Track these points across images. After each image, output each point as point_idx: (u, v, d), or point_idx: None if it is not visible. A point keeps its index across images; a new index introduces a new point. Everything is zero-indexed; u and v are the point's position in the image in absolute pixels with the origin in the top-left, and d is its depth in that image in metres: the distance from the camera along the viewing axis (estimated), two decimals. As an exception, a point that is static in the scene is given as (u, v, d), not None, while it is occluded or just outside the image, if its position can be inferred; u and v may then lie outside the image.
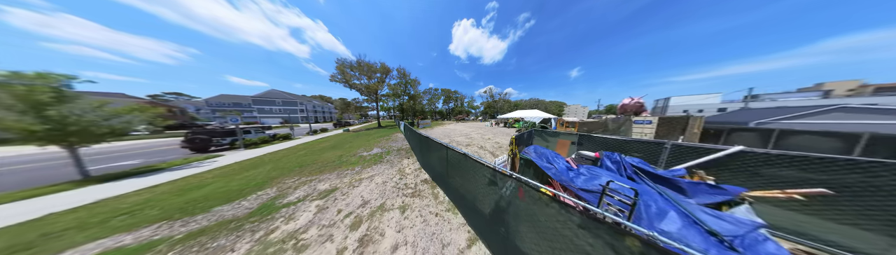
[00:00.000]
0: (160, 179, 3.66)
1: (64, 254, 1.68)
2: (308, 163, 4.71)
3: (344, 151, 6.15)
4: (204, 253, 1.66)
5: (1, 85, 2.81)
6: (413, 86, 25.22)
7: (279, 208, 2.44)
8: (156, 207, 2.53)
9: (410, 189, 2.88)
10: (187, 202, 2.63)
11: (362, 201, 2.54)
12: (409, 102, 26.00)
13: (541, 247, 0.98)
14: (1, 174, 4.41)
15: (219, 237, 1.88)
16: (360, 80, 17.97)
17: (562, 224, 0.85)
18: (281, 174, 3.85)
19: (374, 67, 18.48)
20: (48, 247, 1.76)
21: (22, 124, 2.80)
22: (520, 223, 1.16)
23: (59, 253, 1.68)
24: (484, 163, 1.45)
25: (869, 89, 23.87)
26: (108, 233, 1.96)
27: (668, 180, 2.00)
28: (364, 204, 2.47)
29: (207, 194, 2.89)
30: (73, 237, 1.90)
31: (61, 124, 3.00)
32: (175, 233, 1.95)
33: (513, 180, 1.18)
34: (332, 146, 7.28)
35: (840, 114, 6.55)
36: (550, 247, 0.92)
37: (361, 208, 2.35)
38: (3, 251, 1.73)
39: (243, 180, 3.54)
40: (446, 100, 46.99)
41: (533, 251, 1.04)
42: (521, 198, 1.12)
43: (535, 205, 0.99)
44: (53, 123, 2.94)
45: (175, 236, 1.91)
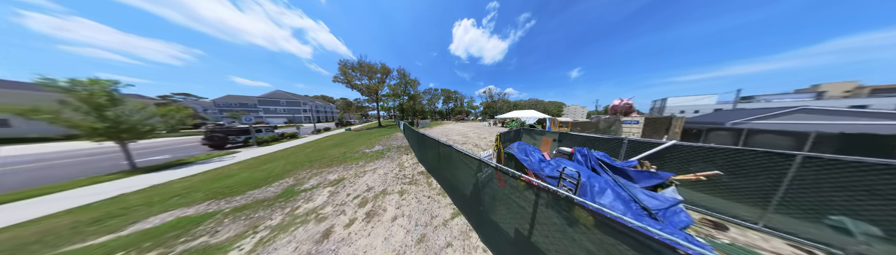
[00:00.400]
0: (193, 170, 4.24)
1: (148, 220, 2.24)
2: (317, 158, 5.27)
3: (348, 148, 6.71)
4: (251, 220, 2.21)
5: (68, 90, 3.40)
6: (413, 86, 25.75)
7: (299, 193, 2.99)
8: (199, 191, 3.09)
9: (408, 179, 3.42)
10: (224, 188, 3.19)
11: (367, 188, 3.08)
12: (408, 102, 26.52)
13: (506, 218, 1.35)
14: (68, 165, 5.07)
15: (258, 210, 2.44)
16: (361, 80, 18.55)
17: (527, 202, 1.11)
18: (295, 168, 4.41)
19: (375, 68, 19.03)
20: (132, 216, 2.33)
21: (87, 123, 3.40)
22: (495, 203, 1.46)
23: (144, 218, 2.25)
24: (472, 156, 1.68)
25: (865, 91, 23.99)
26: (171, 207, 2.53)
27: (622, 170, 2.52)
28: (368, 190, 3.01)
29: (238, 182, 3.45)
30: (146, 209, 2.47)
31: (116, 123, 3.59)
32: (223, 208, 2.51)
33: (493, 169, 1.41)
34: (336, 144, 7.85)
35: (802, 115, 7.01)
36: (512, 218, 1.27)
37: (367, 193, 2.90)
38: (103, 216, 2.30)
39: (264, 172, 4.10)
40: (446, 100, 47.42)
41: (500, 221, 1.44)
42: (501, 185, 1.34)
43: (510, 189, 1.26)
44: (110, 122, 3.53)
45: (224, 210, 2.46)
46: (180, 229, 2.04)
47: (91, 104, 3.44)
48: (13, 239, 1.99)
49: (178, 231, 2.00)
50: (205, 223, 2.15)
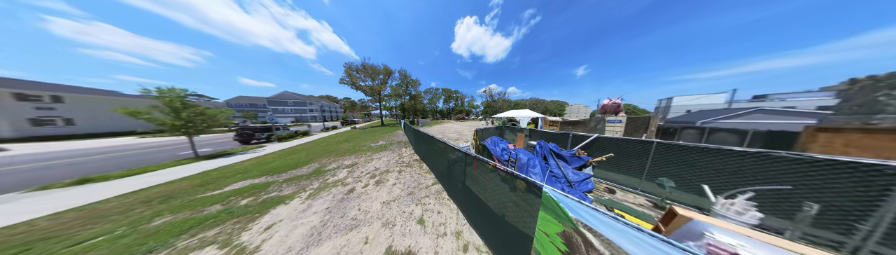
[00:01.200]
0: (238, 159, 5.45)
1: (232, 185, 3.40)
2: (331, 151, 6.43)
3: (356, 143, 7.86)
4: (299, 186, 3.35)
5: (158, 97, 4.62)
6: (413, 86, 26.83)
7: (325, 172, 4.12)
8: (253, 170, 4.26)
9: (405, 163, 4.53)
10: (269, 169, 4.35)
11: (375, 168, 4.21)
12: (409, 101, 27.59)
13: (470, 185, 2.23)
14: (135, 155, 6.40)
15: (301, 181, 3.58)
16: (364, 81, 19.72)
17: (485, 176, 1.65)
18: (316, 157, 5.57)
19: (378, 70, 20.17)
20: (221, 183, 3.50)
21: (171, 122, 4.61)
22: (465, 176, 2.11)
23: (229, 184, 3.41)
24: (452, 146, 2.32)
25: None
26: (241, 179, 3.69)
27: (563, 156, 3.58)
28: (375, 169, 4.13)
29: (277, 166, 4.62)
30: (226, 180, 3.64)
31: (188, 122, 4.80)
32: (277, 179, 3.67)
33: (464, 154, 1.99)
34: (345, 140, 9.03)
35: (759, 115, 7.84)
36: (472, 184, 2.25)
37: (374, 171, 4.02)
38: (204, 182, 3.49)
39: (293, 160, 5.27)
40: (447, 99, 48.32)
41: (466, 186, 2.41)
42: (474, 167, 1.84)
43: (479, 169, 1.78)
44: (183, 121, 4.74)
45: (278, 180, 3.62)
46: (258, 189, 3.20)
47: (171, 107, 4.65)
48: (173, 190, 3.17)
49: (256, 190, 3.15)
50: (271, 187, 3.30)
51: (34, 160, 5.79)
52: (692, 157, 2.42)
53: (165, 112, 4.62)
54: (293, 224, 2.12)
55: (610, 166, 3.29)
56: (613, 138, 3.31)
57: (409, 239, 1.86)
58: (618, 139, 3.24)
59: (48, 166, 5.08)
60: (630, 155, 3.02)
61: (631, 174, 3.04)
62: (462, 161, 2.14)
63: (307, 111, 32.43)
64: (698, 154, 2.37)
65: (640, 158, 2.88)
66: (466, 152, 1.94)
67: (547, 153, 3.76)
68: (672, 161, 2.59)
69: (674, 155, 2.58)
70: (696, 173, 2.39)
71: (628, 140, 3.09)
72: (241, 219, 2.23)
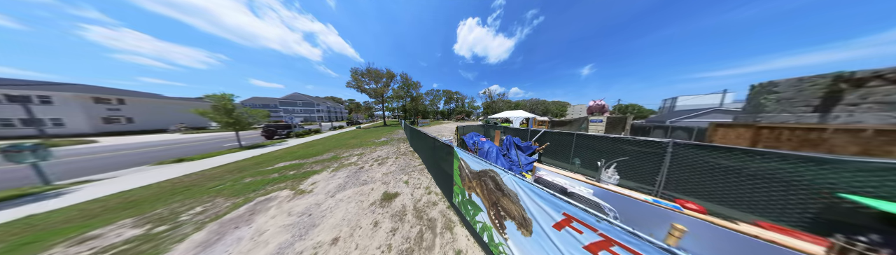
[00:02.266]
0: (271, 149, 6.88)
1: (277, 164, 4.78)
2: (342, 144, 7.80)
3: (362, 139, 9.23)
4: (324, 165, 4.70)
5: (217, 100, 6.15)
6: (414, 88, 28.29)
7: (340, 158, 5.46)
8: (287, 156, 5.65)
9: (402, 153, 5.84)
10: (298, 155, 5.73)
11: (378, 156, 5.53)
12: (411, 103, 29.03)
13: (440, 163, 3.82)
14: (192, 146, 7.95)
15: (324, 162, 4.93)
16: (368, 85, 21.27)
17: (446, 157, 3.67)
18: (331, 148, 6.93)
19: (381, 73, 21.71)
20: (270, 163, 4.89)
21: (225, 119, 6.10)
22: (439, 159, 4.01)
23: (275, 163, 4.79)
24: (438, 139, 4.32)
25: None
26: (281, 161, 5.07)
27: (520, 147, 4.84)
28: (378, 157, 5.45)
29: (303, 154, 6.00)
30: (270, 162, 5.03)
31: (237, 120, 6.27)
32: (308, 162, 5.03)
33: (443, 144, 4.04)
34: (352, 137, 10.43)
35: (717, 114, 8.83)
36: (443, 162, 3.75)
37: (377, 157, 5.34)
38: (258, 162, 4.89)
39: (314, 150, 6.64)
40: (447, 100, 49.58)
41: (443, 167, 3.89)
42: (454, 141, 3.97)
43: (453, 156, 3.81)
44: (235, 120, 6.21)
45: (308, 162, 4.98)
46: (296, 166, 4.56)
47: (225, 108, 6.15)
48: (241, 166, 4.55)
49: (295, 167, 4.50)
50: (304, 165, 4.65)
51: (126, 148, 7.50)
52: (593, 143, 3.64)
53: (220, 113, 6.11)
54: (327, 182, 3.44)
55: (553, 154, 4.52)
56: (554, 132, 4.55)
57: (397, 189, 3.15)
58: (556, 133, 4.48)
59: (142, 152, 6.74)
60: (566, 145, 4.26)
61: (563, 160, 4.27)
62: (440, 149, 3.45)
63: (315, 112, 34.32)
64: (596, 141, 3.59)
65: (569, 146, 4.11)
66: (443, 142, 3.25)
67: (510, 145, 5.02)
68: (583, 147, 3.82)
69: (584, 142, 3.81)
70: (594, 153, 3.61)
71: (561, 133, 4.32)
72: (294, 181, 3.57)
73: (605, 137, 3.42)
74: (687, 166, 2.38)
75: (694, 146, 2.31)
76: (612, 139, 3.29)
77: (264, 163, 4.88)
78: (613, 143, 3.26)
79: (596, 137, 3.57)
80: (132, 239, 1.94)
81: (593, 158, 3.54)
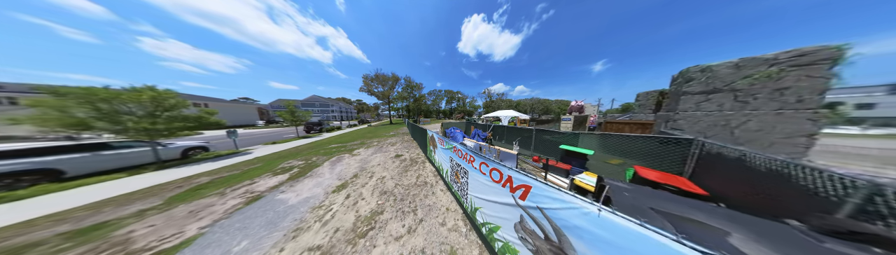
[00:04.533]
0: (315, 139, 10.13)
1: (331, 146, 7.94)
2: (362, 137, 10.94)
3: (375, 133, 12.38)
4: (357, 146, 7.81)
5: (287, 105, 9.43)
6: (417, 90, 31.28)
7: (366, 143, 8.56)
8: (332, 142, 8.82)
9: (405, 141, 8.88)
10: (339, 142, 8.89)
11: (389, 142, 8.60)
12: (414, 103, 32.08)
13: (427, 145, 6.83)
14: (272, 136, 11.41)
15: (357, 145, 8.05)
16: (377, 88, 24.47)
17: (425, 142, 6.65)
18: (356, 138, 10.06)
19: (387, 77, 24.84)
20: (324, 145, 8.06)
21: (290, 118, 9.39)
22: (429, 146, 7.02)
23: (328, 145, 7.95)
24: (434, 137, 7.28)
25: None
26: (331, 144, 8.23)
27: (478, 134, 7.80)
28: (389, 142, 8.52)
29: (341, 141, 9.15)
30: (324, 145, 8.22)
31: (297, 118, 9.55)
32: (346, 145, 8.17)
33: (430, 137, 7.00)
34: (368, 132, 13.61)
35: (639, 115, 11.32)
36: (425, 145, 6.76)
37: (389, 143, 8.41)
38: (318, 144, 8.09)
39: (346, 139, 9.80)
40: (449, 100, 52.27)
41: (425, 144, 6.89)
42: (441, 142, 6.90)
43: (437, 142, 6.82)
44: (295, 118, 9.50)
45: (347, 145, 8.12)
46: (341, 146, 7.69)
47: (290, 110, 9.42)
48: (309, 146, 7.72)
49: (341, 146, 7.63)
50: (347, 146, 7.77)
51: (245, 136, 11.09)
52: (516, 132, 6.49)
53: (289, 114, 9.39)
54: (365, 152, 6.51)
55: (503, 139, 7.38)
56: (501, 126, 7.41)
57: (402, 153, 6.17)
58: (498, 126, 7.34)
59: (252, 138, 10.29)
60: (511, 133, 7.11)
61: (508, 141, 7.14)
62: (423, 133, 6.44)
63: (329, 112, 38.20)
64: (517, 131, 6.44)
65: (511, 133, 6.97)
66: (427, 130, 6.26)
67: (474, 135, 7.95)
68: (514, 134, 6.67)
69: (515, 132, 6.66)
70: (515, 136, 6.47)
71: (502, 126, 7.17)
72: (347, 151, 6.65)
73: (521, 129, 6.27)
74: (540, 140, 5.23)
75: (540, 131, 5.16)
76: (519, 129, 6.16)
77: (322, 145, 8.05)
78: (519, 132, 6.13)
79: (519, 129, 6.43)
80: (302, 165, 5.02)
81: (513, 138, 6.42)
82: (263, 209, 2.56)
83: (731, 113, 3.01)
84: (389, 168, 4.46)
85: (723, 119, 3.08)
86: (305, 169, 4.50)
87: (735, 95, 2.97)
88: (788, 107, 2.59)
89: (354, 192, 3.13)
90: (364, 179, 3.77)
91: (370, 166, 4.65)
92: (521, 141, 5.80)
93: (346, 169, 4.50)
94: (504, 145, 6.94)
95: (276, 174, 4.14)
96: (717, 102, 3.14)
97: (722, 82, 3.05)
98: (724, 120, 3.07)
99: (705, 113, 3.25)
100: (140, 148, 4.49)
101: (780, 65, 2.61)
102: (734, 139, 2.98)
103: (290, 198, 2.92)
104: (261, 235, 2.00)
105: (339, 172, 4.29)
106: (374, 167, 4.58)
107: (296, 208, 2.57)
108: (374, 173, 4.16)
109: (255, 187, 3.38)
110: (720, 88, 3.08)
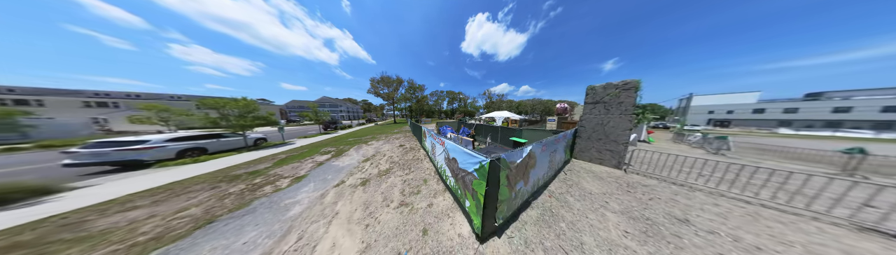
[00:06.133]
0: (334, 135, 12.39)
1: (349, 139, 10.16)
2: (372, 133, 13.16)
3: (382, 131, 14.59)
4: (370, 139, 10.00)
5: (313, 107, 11.74)
6: (419, 91, 33.42)
7: (376, 137, 10.76)
8: (350, 137, 11.06)
9: (407, 137, 11.04)
10: (354, 136, 11.13)
11: (394, 137, 10.78)
12: (416, 103, 34.27)
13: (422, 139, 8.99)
14: (300, 132, 13.82)
15: (369, 138, 10.26)
16: (383, 90, 26.76)
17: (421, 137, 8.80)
18: (368, 134, 12.28)
19: (391, 80, 27.10)
20: (344, 139, 10.31)
21: (315, 117, 11.70)
22: (424, 139, 9.15)
23: (347, 139, 10.17)
24: (425, 130, 9.41)
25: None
26: (350, 138, 10.47)
27: (465, 132, 9.90)
28: (394, 137, 10.70)
29: (356, 136, 11.39)
30: (344, 139, 10.46)
31: (320, 118, 11.83)
32: (361, 138, 10.39)
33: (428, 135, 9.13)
34: (375, 129, 15.84)
35: None
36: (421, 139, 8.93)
37: (394, 137, 10.58)
38: (336, 138, 10.36)
39: (359, 134, 12.03)
40: (451, 101, 54.19)
41: (421, 139, 9.05)
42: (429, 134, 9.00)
43: (431, 137, 8.97)
44: (320, 118, 11.79)
45: (362, 139, 10.34)
46: (358, 139, 9.90)
47: (315, 112, 11.69)
48: (333, 139, 9.96)
49: (357, 139, 9.83)
50: (362, 139, 9.97)
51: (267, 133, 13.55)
52: (492, 128, 8.51)
53: (311, 113, 11.68)
54: (378, 142, 8.67)
55: (485, 135, 9.40)
56: (484, 125, 9.45)
57: (404, 144, 8.30)
58: (479, 125, 9.38)
59: (288, 133, 12.58)
60: (487, 130, 9.13)
61: (485, 137, 9.16)
62: (420, 130, 8.54)
63: (338, 112, 40.87)
64: (493, 128, 8.46)
65: (490, 131, 8.99)
66: (424, 128, 8.40)
67: (462, 131, 10.04)
68: (489, 131, 8.69)
69: (490, 129, 8.69)
70: (490, 132, 8.50)
71: (483, 125, 9.21)
72: (364, 142, 8.82)
73: (495, 127, 8.30)
74: (502, 135, 7.26)
75: (504, 128, 7.18)
76: (494, 127, 8.21)
77: (342, 139, 10.28)
78: (494, 129, 8.17)
79: (494, 127, 8.46)
80: (335, 150, 7.19)
81: (487, 134, 8.47)
82: (328, 168, 4.71)
83: (603, 116, 4.95)
84: (395, 152, 6.58)
85: (600, 120, 5.03)
86: (339, 152, 6.67)
87: (604, 106, 4.91)
88: (623, 113, 4.53)
89: (375, 162, 5.26)
90: (379, 157, 5.90)
91: (382, 151, 6.78)
92: (491, 135, 7.82)
93: (366, 152, 6.66)
94: (481, 138, 8.96)
95: (322, 154, 6.32)
96: (597, 109, 5.08)
97: (599, 97, 4.99)
98: (601, 120, 5.01)
99: (594, 116, 5.20)
100: (235, 137, 6.82)
101: (619, 88, 4.54)
102: (606, 132, 4.92)
103: (339, 164, 5.07)
104: (334, 175, 4.14)
105: (362, 153, 6.45)
106: (385, 151, 6.71)
107: (345, 168, 4.71)
108: (385, 154, 6.28)
109: (315, 159, 5.57)
110: (599, 100, 5.02)
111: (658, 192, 3.13)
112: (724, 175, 3.58)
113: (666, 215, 2.44)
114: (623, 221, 2.29)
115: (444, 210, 2.56)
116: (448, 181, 3.17)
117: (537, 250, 1.83)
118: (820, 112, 22.37)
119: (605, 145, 4.89)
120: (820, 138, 14.07)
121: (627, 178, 3.86)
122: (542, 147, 3.06)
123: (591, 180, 3.70)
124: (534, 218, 2.36)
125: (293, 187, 3.48)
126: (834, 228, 2.27)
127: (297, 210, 2.65)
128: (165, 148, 5.18)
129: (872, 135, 17.84)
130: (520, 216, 2.42)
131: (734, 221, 2.33)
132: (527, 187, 2.66)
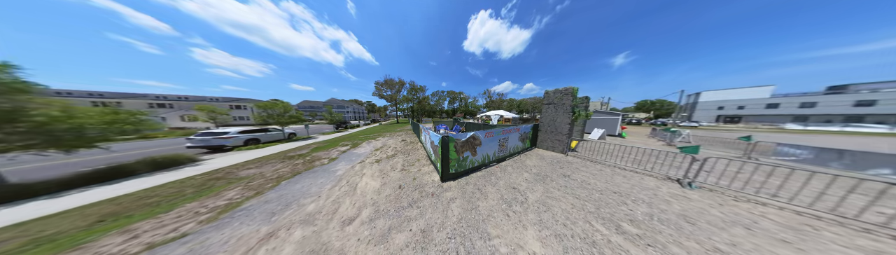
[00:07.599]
0: (346, 133, 14.34)
1: (360, 136, 12.04)
2: (378, 132, 15.03)
3: (386, 130, 16.46)
4: (377, 136, 11.85)
5: (328, 108, 13.70)
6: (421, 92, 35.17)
7: (382, 134, 12.61)
8: (360, 134, 12.96)
9: (408, 134, 12.83)
10: (364, 134, 13.02)
11: (397, 134, 12.60)
12: (417, 104, 36.07)
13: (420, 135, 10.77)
14: (320, 129, 15.92)
15: (376, 136, 12.12)
16: (386, 92, 28.67)
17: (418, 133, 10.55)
18: (374, 132, 14.14)
19: (394, 82, 28.96)
20: (356, 136, 12.21)
21: (330, 117, 13.66)
22: (419, 133, 10.91)
23: (358, 136, 12.06)
24: (422, 127, 11.15)
25: None
26: (360, 135, 12.36)
27: (458, 129, 11.65)
28: (397, 134, 12.52)
29: (365, 134, 13.27)
30: (356, 136, 12.36)
31: (334, 118, 13.78)
32: (369, 136, 12.26)
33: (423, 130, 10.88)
34: (380, 128, 17.74)
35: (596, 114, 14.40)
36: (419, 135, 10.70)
37: (397, 134, 12.40)
38: (356, 134, 12.27)
39: (367, 132, 13.92)
40: (451, 100, 55.69)
41: (418, 135, 10.84)
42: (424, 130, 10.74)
43: (425, 132, 10.74)
44: (335, 118, 13.74)
45: (370, 135, 12.20)
46: (367, 136, 11.76)
47: (330, 113, 13.65)
48: (347, 136, 11.85)
49: (367, 136, 11.70)
50: (370, 136, 11.83)
51: None
52: (480, 125, 10.17)
53: (326, 114, 13.61)
54: (384, 138, 10.50)
55: (472, 131, 11.08)
56: (473, 123, 11.12)
57: (406, 139, 10.08)
58: (473, 123, 11.05)
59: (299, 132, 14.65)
60: (476, 127, 10.79)
61: None
62: (418, 128, 10.30)
63: (345, 112, 43.30)
64: (481, 125, 10.11)
65: (476, 127, 10.65)
66: (422, 128, 10.18)
67: (455, 128, 11.77)
68: (478, 127, 10.34)
69: (478, 126, 10.35)
70: (479, 128, 10.15)
71: (477, 123, 10.88)
72: (373, 138, 10.66)
73: (481, 124, 9.97)
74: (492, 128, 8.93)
75: (486, 125, 8.85)
76: (481, 124, 9.89)
77: (354, 136, 12.17)
78: (481, 126, 9.86)
79: (481, 124, 10.12)
80: (351, 144, 9.03)
81: (474, 130, 10.12)
82: (351, 154, 6.53)
83: (553, 114, 6.53)
84: (399, 145, 8.36)
85: (552, 117, 6.61)
86: (354, 145, 8.51)
87: (554, 106, 6.49)
88: (565, 112, 6.11)
89: (384, 151, 7.05)
90: (386, 148, 7.68)
91: (389, 144, 8.58)
92: (477, 131, 9.48)
93: (376, 145, 8.47)
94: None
95: (342, 146, 8.17)
96: (550, 109, 6.66)
97: (552, 99, 6.57)
98: (553, 117, 6.60)
99: (548, 114, 6.78)
100: (276, 132, 8.88)
101: (560, 93, 6.14)
102: (556, 126, 6.49)
103: (358, 152, 6.89)
104: (356, 158, 5.95)
105: (373, 146, 8.27)
106: (391, 144, 8.50)
107: (363, 154, 6.52)
108: (391, 146, 8.07)
109: (339, 149, 7.42)
110: (551, 102, 6.60)
111: (572, 165, 4.75)
112: (641, 157, 5.09)
113: (559, 174, 4.07)
114: (531, 176, 3.95)
115: (427, 172, 4.29)
116: (432, 158, 4.89)
117: (469, 184, 3.52)
118: (840, 106, 20.38)
119: (555, 136, 6.49)
120: (827, 133, 14.18)
121: (563, 158, 5.47)
122: (487, 134, 4.72)
123: (535, 160, 5.34)
124: (479, 175, 4.04)
125: (332, 163, 5.30)
126: (650, 179, 3.84)
127: (341, 172, 4.45)
128: (238, 138, 7.34)
129: (887, 129, 16.31)
130: (472, 174, 4.10)
131: (597, 177, 3.93)
132: (475, 157, 4.34)
